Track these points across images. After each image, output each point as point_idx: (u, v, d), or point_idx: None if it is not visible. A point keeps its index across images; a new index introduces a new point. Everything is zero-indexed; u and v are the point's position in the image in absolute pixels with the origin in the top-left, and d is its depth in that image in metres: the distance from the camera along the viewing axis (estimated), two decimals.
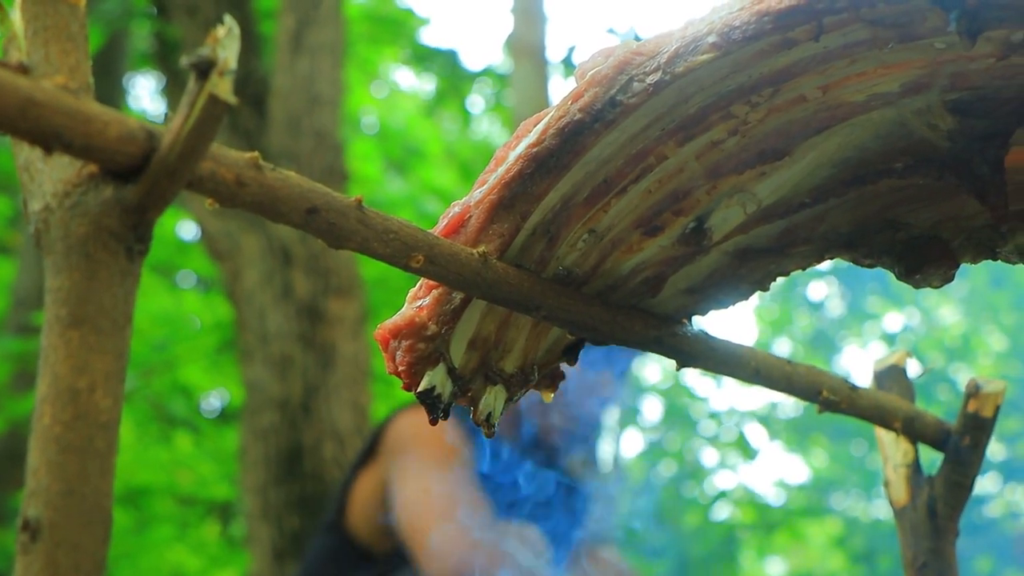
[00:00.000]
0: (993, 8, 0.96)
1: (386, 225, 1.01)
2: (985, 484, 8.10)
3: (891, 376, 1.52)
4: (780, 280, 1.30)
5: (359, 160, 9.32)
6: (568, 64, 7.35)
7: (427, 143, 10.63)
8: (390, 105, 11.58)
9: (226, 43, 0.86)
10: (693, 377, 11.13)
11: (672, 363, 1.29)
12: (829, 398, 1.38)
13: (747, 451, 10.58)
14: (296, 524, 5.15)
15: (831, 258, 1.24)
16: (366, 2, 9.89)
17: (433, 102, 10.69)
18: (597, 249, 1.16)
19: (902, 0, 0.98)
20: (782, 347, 12.02)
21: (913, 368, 1.54)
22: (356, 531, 3.68)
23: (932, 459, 1.50)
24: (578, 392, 3.54)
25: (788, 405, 10.23)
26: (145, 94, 11.72)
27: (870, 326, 11.43)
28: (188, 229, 9.44)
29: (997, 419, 1.49)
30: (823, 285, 11.23)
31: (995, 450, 8.26)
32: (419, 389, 1.13)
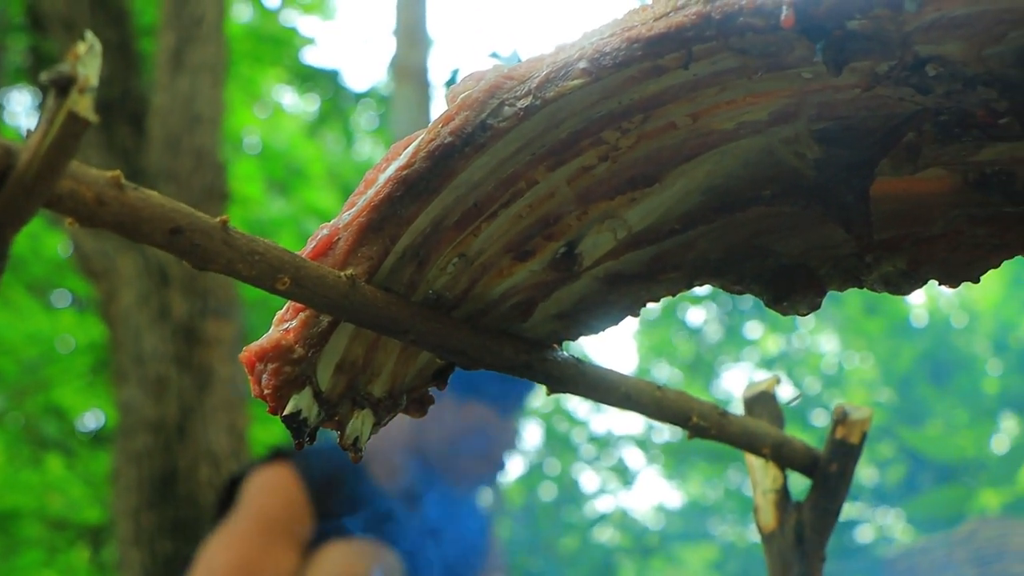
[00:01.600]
0: (858, 40, 0.98)
1: (251, 246, 0.99)
2: (857, 509, 8.22)
3: (761, 402, 1.53)
4: (655, 306, 1.31)
5: (241, 180, 9.26)
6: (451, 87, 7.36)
7: (309, 164, 10.60)
8: (273, 125, 11.51)
9: (87, 59, 0.84)
10: (574, 401, 11.19)
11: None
12: (699, 424, 1.38)
13: (625, 476, 10.65)
14: (169, 549, 5.08)
15: (700, 284, 1.24)
16: (249, 21, 9.82)
17: (316, 123, 10.65)
18: (467, 273, 1.16)
19: (770, 30, 0.99)
20: (662, 372, 12.13)
21: (784, 394, 1.55)
22: None
23: (802, 485, 1.52)
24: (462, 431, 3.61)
25: (666, 430, 10.33)
26: (21, 110, 11.52)
27: (748, 351, 11.58)
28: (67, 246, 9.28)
29: (864, 445, 1.51)
30: (702, 310, 11.36)
31: (867, 475, 8.39)
32: (285, 413, 1.12)
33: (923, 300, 9.96)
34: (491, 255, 1.16)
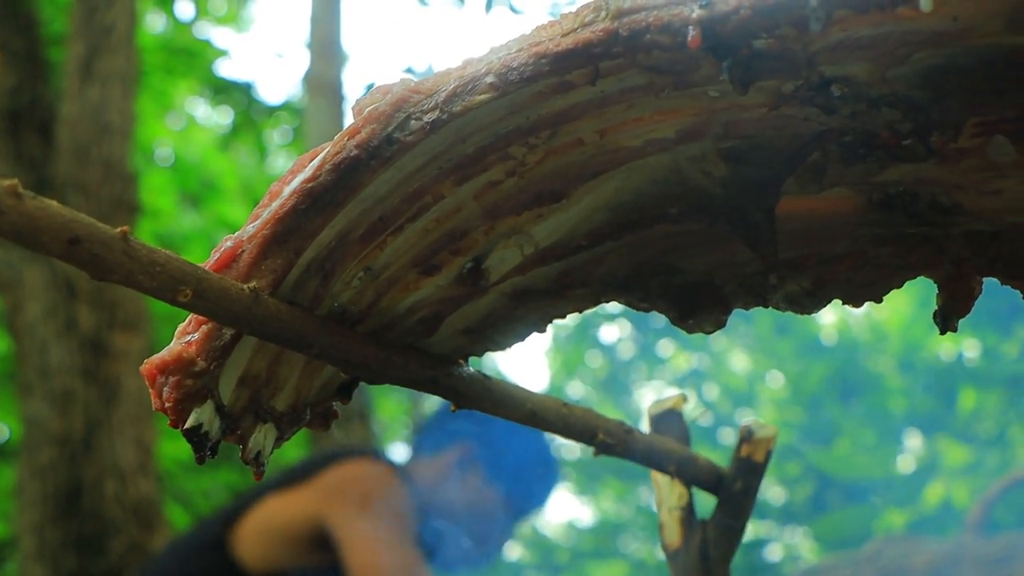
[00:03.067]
0: (765, 59, 0.98)
1: (152, 258, 0.97)
2: (766, 527, 8.28)
3: (667, 420, 1.53)
4: (567, 323, 1.30)
5: (152, 193, 9.18)
6: None
7: (222, 177, 10.52)
8: (185, 137, 11.41)
9: None
10: None
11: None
12: (605, 441, 1.38)
13: None
14: (73, 564, 5.01)
15: (607, 301, 1.24)
16: (162, 32, 9.74)
17: (229, 135, 10.57)
18: (373, 287, 1.15)
19: (677, 48, 0.99)
20: (575, 389, 12.15)
21: (691, 412, 1.56)
22: (241, 549, 3.64)
23: (709, 503, 1.52)
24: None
25: (578, 447, 10.34)
26: None
27: (661, 369, 11.62)
28: None
29: (770, 463, 1.52)
30: (615, 328, 11.39)
31: (775, 494, 8.46)
32: (186, 426, 1.10)
33: (833, 320, 10.07)
34: (397, 269, 1.15)
